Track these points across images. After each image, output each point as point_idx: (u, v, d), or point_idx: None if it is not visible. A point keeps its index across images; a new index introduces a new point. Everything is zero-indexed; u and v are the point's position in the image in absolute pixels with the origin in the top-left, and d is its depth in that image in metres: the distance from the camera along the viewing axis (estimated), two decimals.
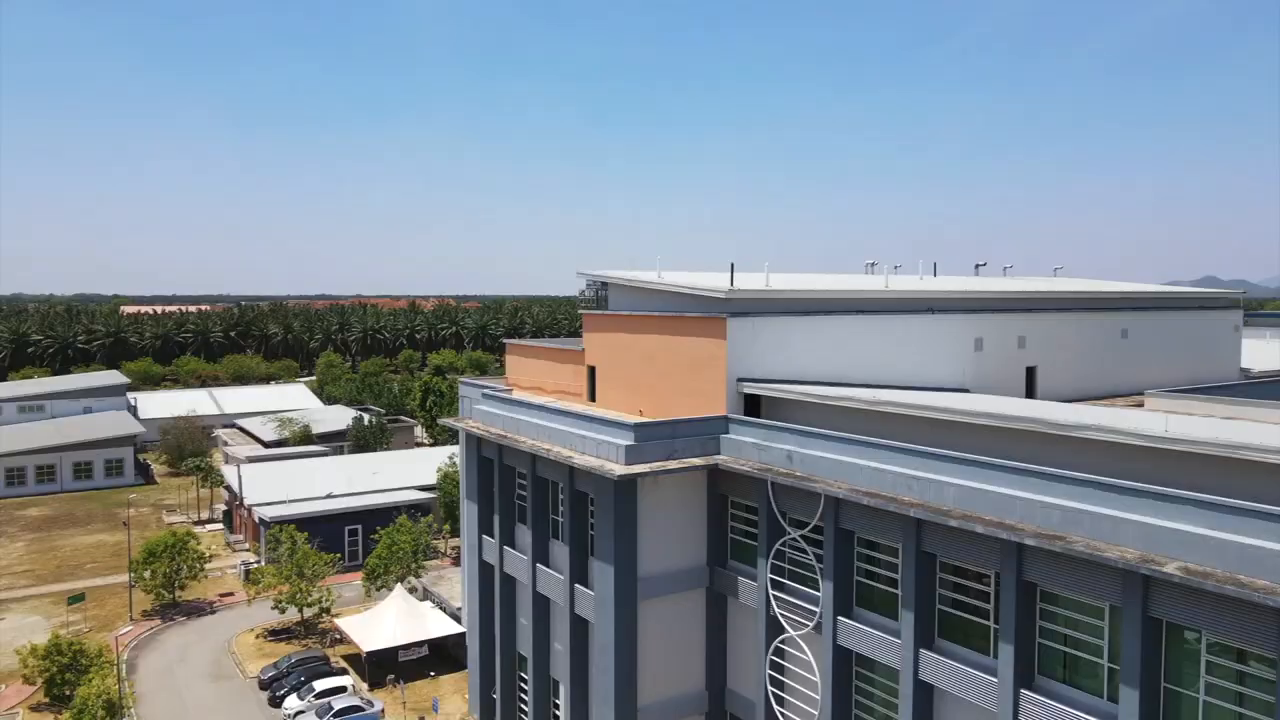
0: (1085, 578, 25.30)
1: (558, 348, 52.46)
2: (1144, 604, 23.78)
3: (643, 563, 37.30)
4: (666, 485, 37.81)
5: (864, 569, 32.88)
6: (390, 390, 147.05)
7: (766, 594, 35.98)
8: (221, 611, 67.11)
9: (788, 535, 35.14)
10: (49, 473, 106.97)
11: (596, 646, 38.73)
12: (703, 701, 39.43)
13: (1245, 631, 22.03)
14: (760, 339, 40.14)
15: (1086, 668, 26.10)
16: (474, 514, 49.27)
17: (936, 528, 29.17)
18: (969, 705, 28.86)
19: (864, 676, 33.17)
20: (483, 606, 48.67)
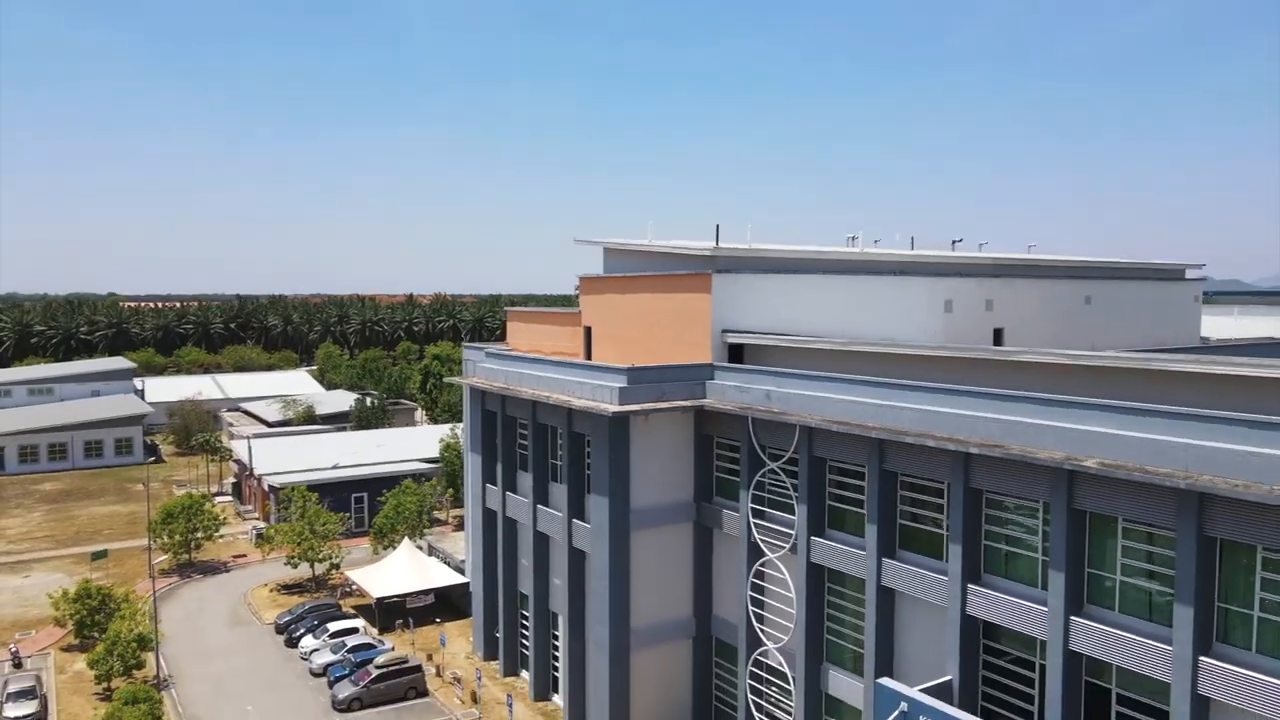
0: (1021, 479, 28.87)
1: (555, 312, 55.98)
2: (1069, 497, 27.35)
3: (635, 496, 40.81)
4: (657, 426, 41.31)
5: (834, 493, 36.42)
6: (390, 375, 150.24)
7: (748, 522, 39.51)
8: (235, 570, 70.48)
9: (767, 467, 38.66)
10: (60, 451, 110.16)
11: (593, 575, 42.21)
12: (690, 626, 42.97)
13: (1151, 512, 25.61)
14: (743, 294, 43.67)
15: (1023, 562, 29.68)
16: (478, 465, 52.76)
17: (896, 446, 32.74)
18: (924, 603, 32.44)
19: (834, 590, 36.71)
20: (486, 551, 52.14)
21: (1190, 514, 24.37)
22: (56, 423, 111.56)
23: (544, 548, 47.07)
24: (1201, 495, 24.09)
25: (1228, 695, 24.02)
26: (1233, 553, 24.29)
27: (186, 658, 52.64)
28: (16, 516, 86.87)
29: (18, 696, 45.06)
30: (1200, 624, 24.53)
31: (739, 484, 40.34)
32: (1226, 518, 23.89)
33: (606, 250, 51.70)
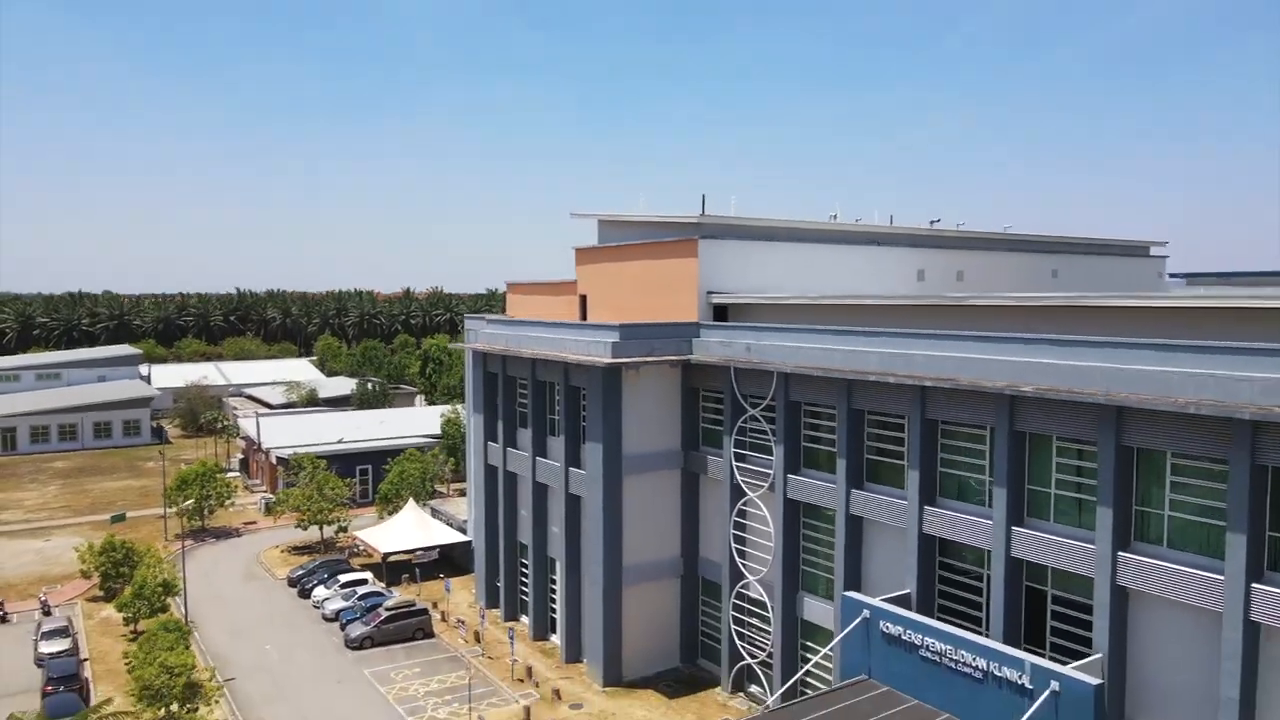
0: (970, 408, 32.37)
1: (552, 282, 59.37)
2: (1010, 420, 30.86)
3: (627, 443, 44.25)
4: (647, 380, 44.77)
5: (808, 434, 39.91)
6: (390, 362, 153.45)
7: (731, 465, 42.98)
8: (246, 535, 73.79)
9: (748, 413, 42.13)
10: (71, 431, 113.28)
11: (588, 518, 45.65)
12: (678, 566, 46.44)
13: (1079, 428, 29.11)
14: (727, 259, 47.16)
15: (972, 484, 33.19)
16: (479, 424, 56.17)
17: (862, 386, 36.22)
18: (887, 527, 35.95)
19: (809, 524, 40.19)
20: (488, 505, 55.51)
21: (1110, 427, 27.88)
22: (67, 404, 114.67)
23: (542, 497, 50.47)
24: (1119, 409, 27.59)
25: (1142, 584, 27.53)
26: (1147, 459, 27.80)
27: (206, 605, 55.93)
28: (32, 490, 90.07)
29: (51, 635, 48.35)
30: (1119, 524, 28.05)
31: (722, 432, 43.80)
32: (1140, 428, 27.40)
33: (600, 222, 55.13)
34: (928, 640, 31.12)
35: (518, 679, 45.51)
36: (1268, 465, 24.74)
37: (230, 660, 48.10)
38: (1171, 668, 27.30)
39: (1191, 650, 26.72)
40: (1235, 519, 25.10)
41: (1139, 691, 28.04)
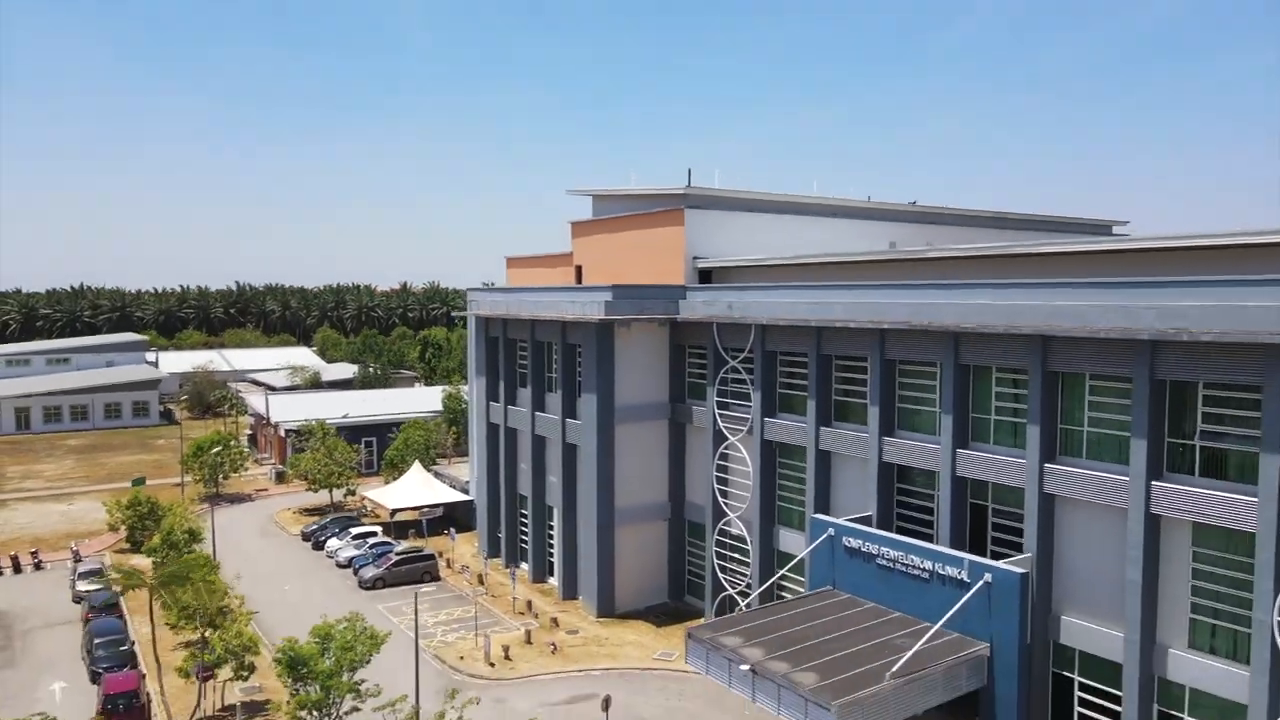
0: (923, 347, 36.51)
1: (549, 255, 63.45)
2: (955, 355, 35.01)
3: (619, 395, 48.35)
4: (637, 337, 48.88)
5: (783, 381, 44.07)
6: (390, 349, 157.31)
7: (713, 413, 47.11)
8: (259, 500, 77.71)
9: (729, 364, 46.27)
10: (82, 412, 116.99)
11: (583, 464, 49.73)
12: (665, 509, 50.55)
13: (1014, 358, 33.27)
14: (711, 228, 51.29)
15: (924, 415, 37.34)
16: (482, 386, 60.23)
17: (830, 333, 40.36)
18: (851, 458, 40.11)
19: (783, 462, 44.34)
20: (490, 461, 59.58)
21: (1038, 355, 32.04)
22: (78, 386, 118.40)
23: (541, 450, 54.54)
24: (1045, 339, 31.76)
25: (1065, 490, 31.71)
26: (1069, 382, 32.00)
27: (226, 554, 59.72)
28: (50, 463, 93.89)
29: (87, 575, 52.33)
30: (1046, 440, 32.22)
31: (706, 384, 47.92)
32: (1064, 355, 31.58)
33: (595, 197, 59.25)
34: (882, 549, 35.39)
35: (519, 612, 49.60)
36: (1165, 379, 28.92)
37: (252, 598, 51.85)
38: (1089, 559, 31.50)
39: (1105, 543, 30.91)
40: (1138, 427, 29.29)
41: (1064, 581, 32.21)
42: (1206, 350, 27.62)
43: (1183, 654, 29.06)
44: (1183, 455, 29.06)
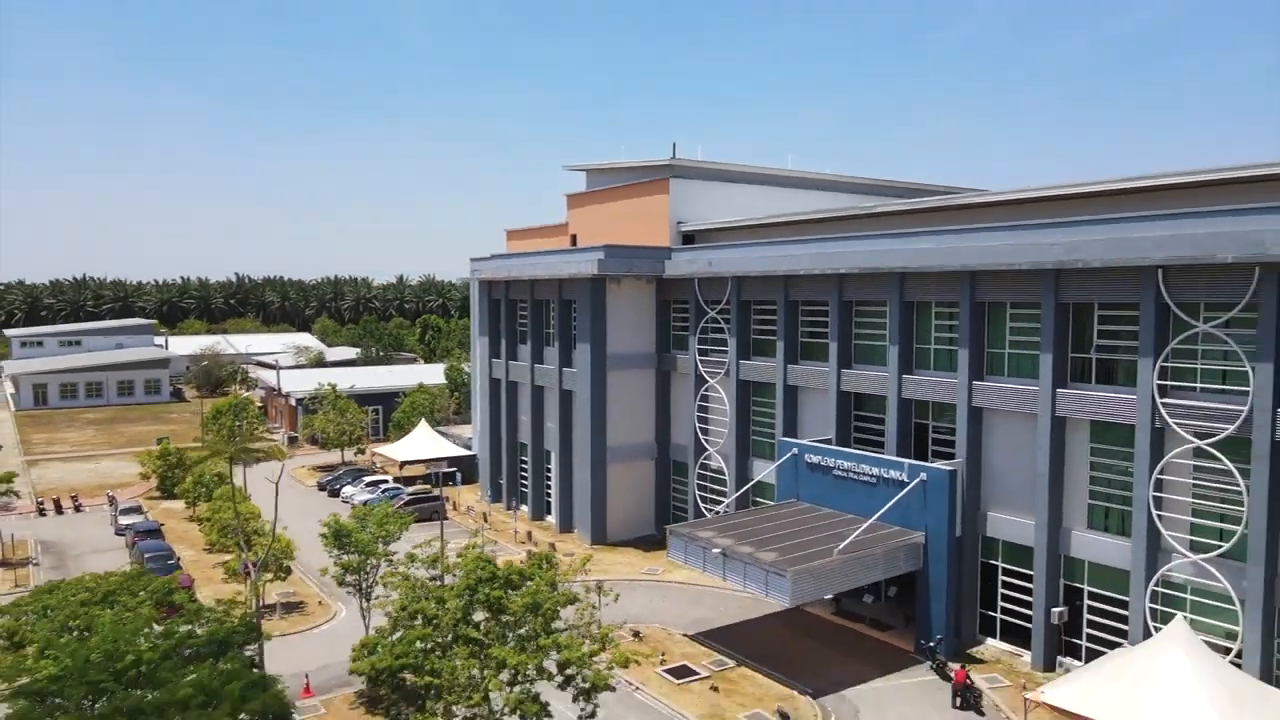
0: (874, 287, 41.98)
1: (547, 226, 68.81)
2: (901, 293, 40.51)
3: (611, 345, 53.73)
4: (627, 293, 54.27)
5: (755, 328, 49.54)
6: (390, 333, 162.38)
7: (695, 359, 52.56)
8: (273, 461, 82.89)
9: (708, 314, 51.72)
10: (97, 389, 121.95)
11: (578, 408, 55.10)
12: (653, 450, 55.99)
13: (949, 293, 38.78)
14: (693, 196, 56.77)
15: (875, 349, 42.84)
16: (484, 345, 65.61)
17: (795, 281, 45.83)
18: (815, 390, 45.59)
19: (756, 401, 49.80)
20: (492, 412, 64.93)
21: (967, 289, 37.55)
22: (93, 364, 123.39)
23: (539, 399, 59.94)
24: (973, 274, 37.27)
25: (989, 403, 37.24)
26: (993, 311, 37.54)
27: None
28: (72, 432, 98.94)
29: (128, 511, 57.60)
30: (974, 362, 37.71)
31: (688, 335, 53.35)
32: (988, 287, 37.11)
33: (588, 171, 64.66)
34: (838, 462, 40.93)
35: (520, 541, 55.02)
36: (1068, 303, 34.45)
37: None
38: (1009, 461, 37.04)
39: (1020, 444, 36.43)
40: (1046, 344, 34.82)
41: (989, 480, 37.74)
42: (1099, 276, 33.16)
43: (1083, 534, 34.62)
44: (1082, 366, 34.63)
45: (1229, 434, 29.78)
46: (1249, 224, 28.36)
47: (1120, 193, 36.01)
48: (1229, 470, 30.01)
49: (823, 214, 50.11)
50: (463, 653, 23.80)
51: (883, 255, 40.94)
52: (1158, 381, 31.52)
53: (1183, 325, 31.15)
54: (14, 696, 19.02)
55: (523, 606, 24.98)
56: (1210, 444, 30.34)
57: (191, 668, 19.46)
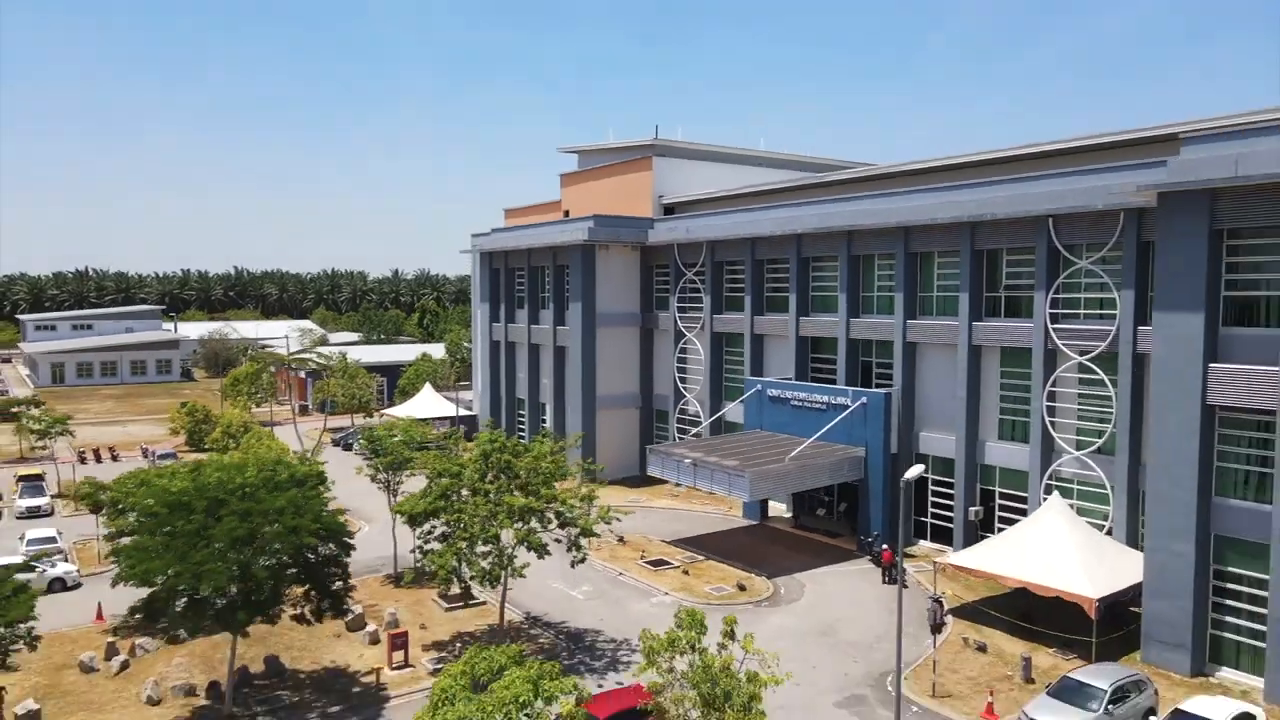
0: (827, 244, 48.62)
1: (542, 204, 75.38)
2: (849, 249, 47.17)
3: (600, 304, 60.29)
4: (615, 259, 60.84)
5: (727, 285, 56.18)
6: (388, 319, 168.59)
7: (674, 315, 59.18)
8: (288, 425, 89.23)
9: (686, 276, 58.35)
10: (111, 368, 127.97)
11: (571, 362, 61.65)
12: (637, 399, 62.58)
13: (888, 246, 45.45)
14: (674, 172, 63.40)
15: (828, 298, 49.48)
16: (485, 311, 72.15)
17: (760, 242, 52.47)
18: (778, 338, 52.25)
19: (728, 351, 56.45)
20: (492, 373, 71.46)
21: (901, 242, 44.26)
22: (107, 345, 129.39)
23: (535, 357, 66.49)
24: (907, 229, 43.95)
25: (920, 338, 43.91)
26: (923, 259, 44.26)
27: None
28: (93, 404, 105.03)
29: (164, 456, 63.92)
30: (908, 304, 44.37)
31: (669, 295, 59.97)
32: (919, 239, 43.81)
33: (580, 153, 71.34)
34: (795, 394, 47.58)
35: None
36: (981, 250, 41.16)
37: None
38: (936, 386, 43.73)
39: (945, 372, 43.12)
40: (964, 285, 41.52)
41: (921, 404, 44.44)
42: (1004, 226, 39.86)
43: (994, 444, 41.33)
44: (993, 303, 41.36)
45: (1101, 350, 36.52)
46: (1116, 179, 35.04)
47: (1020, 158, 42.87)
48: (1102, 380, 36.75)
49: (783, 184, 56.87)
50: (479, 500, 30.44)
51: (833, 217, 47.63)
52: (1049, 311, 38.26)
53: (1068, 264, 37.89)
54: (149, 506, 25.49)
55: (526, 467, 31.62)
56: (1089, 359, 37.07)
57: (282, 492, 25.89)
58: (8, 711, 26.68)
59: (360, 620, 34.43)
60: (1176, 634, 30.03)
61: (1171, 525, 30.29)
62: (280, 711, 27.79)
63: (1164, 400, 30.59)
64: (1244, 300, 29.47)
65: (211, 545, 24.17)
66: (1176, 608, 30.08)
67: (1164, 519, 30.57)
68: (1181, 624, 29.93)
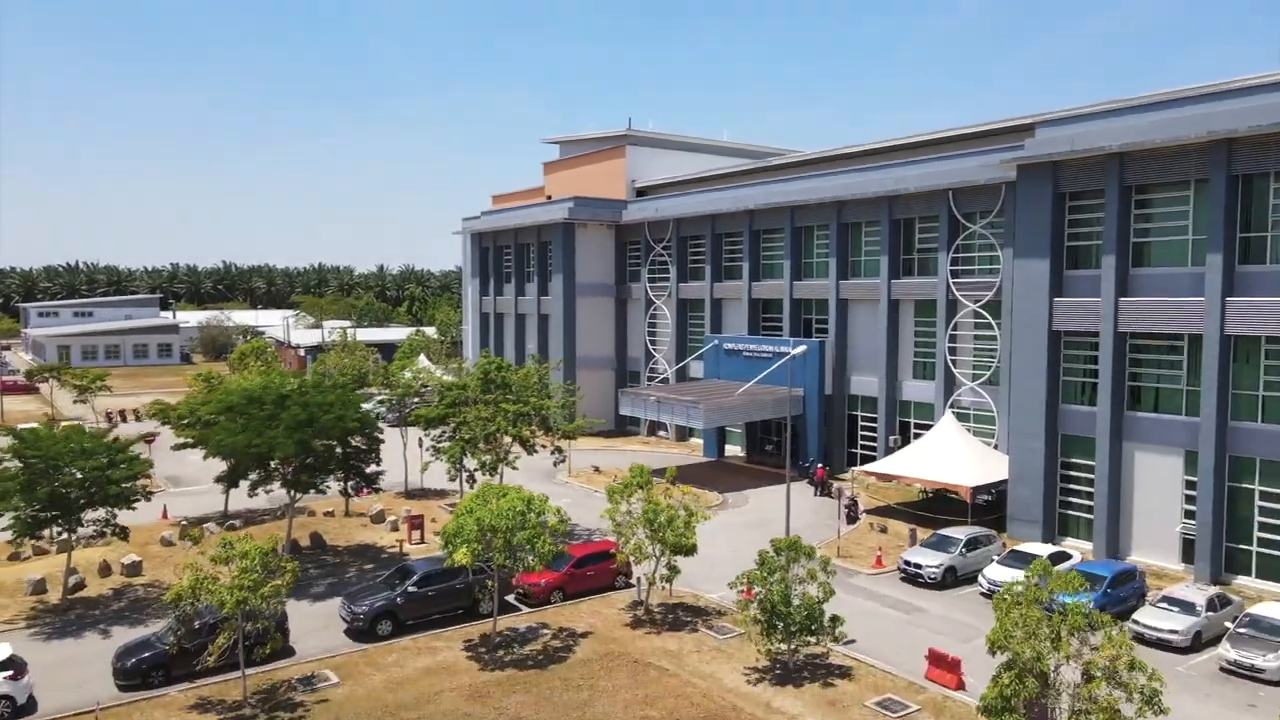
0: (776, 219, 56.49)
1: (527, 189, 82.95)
2: (792, 222, 55.08)
3: (579, 276, 67.94)
4: (592, 236, 68.50)
5: (691, 257, 64.02)
6: (377, 309, 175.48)
7: (645, 286, 66.97)
8: None
9: (654, 250, 66.14)
10: (115, 351, 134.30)
11: (553, 329, 69.25)
12: (612, 361, 70.30)
13: (824, 219, 53.39)
14: (646, 160, 71.18)
15: (776, 265, 57.34)
16: (475, 287, 79.68)
17: (720, 218, 60.31)
18: (734, 300, 60.11)
19: (691, 315, 64.27)
20: (481, 342, 78.93)
21: (834, 214, 52.12)
22: (111, 329, 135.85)
23: (521, 325, 74.10)
24: (840, 203, 51.80)
25: (850, 295, 51.84)
26: (853, 229, 52.16)
27: None
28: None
29: None
30: (840, 268, 52.24)
31: (640, 267, 67.72)
32: (850, 212, 51.67)
33: (561, 143, 79.00)
34: (746, 346, 55.41)
35: None
36: (899, 219, 49.13)
37: None
38: (863, 336, 51.65)
39: (870, 326, 51.07)
40: (884, 249, 49.46)
41: (852, 352, 52.34)
42: (915, 199, 47.85)
43: (909, 383, 49.31)
44: (908, 264, 49.37)
45: (989, 298, 44.56)
46: (995, 158, 43.02)
47: (929, 142, 51.05)
48: (990, 324, 44.80)
49: (738, 168, 64.88)
50: (480, 408, 38.13)
51: (779, 195, 55.51)
52: (950, 268, 46.28)
53: (964, 228, 45.93)
54: (229, 400, 32.95)
55: (518, 382, 39.34)
56: (980, 306, 45.11)
57: (331, 392, 33.45)
58: (115, 564, 34.08)
59: (382, 515, 41.99)
60: (1032, 513, 38.05)
61: (1028, 427, 38.35)
62: (326, 568, 35.32)
63: (1022, 329, 38.67)
64: (1078, 248, 37.55)
65: (280, 427, 31.70)
66: (1032, 492, 38.12)
67: (1022, 422, 38.63)
68: (1036, 505, 37.97)
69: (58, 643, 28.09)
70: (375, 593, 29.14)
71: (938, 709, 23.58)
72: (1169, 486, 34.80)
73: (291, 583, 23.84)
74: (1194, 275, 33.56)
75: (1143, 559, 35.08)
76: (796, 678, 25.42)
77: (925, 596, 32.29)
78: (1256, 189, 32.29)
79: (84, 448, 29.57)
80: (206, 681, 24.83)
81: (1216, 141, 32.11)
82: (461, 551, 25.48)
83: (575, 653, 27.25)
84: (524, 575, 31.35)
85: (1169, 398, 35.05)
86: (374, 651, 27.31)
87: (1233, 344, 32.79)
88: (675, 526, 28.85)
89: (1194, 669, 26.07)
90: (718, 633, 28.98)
